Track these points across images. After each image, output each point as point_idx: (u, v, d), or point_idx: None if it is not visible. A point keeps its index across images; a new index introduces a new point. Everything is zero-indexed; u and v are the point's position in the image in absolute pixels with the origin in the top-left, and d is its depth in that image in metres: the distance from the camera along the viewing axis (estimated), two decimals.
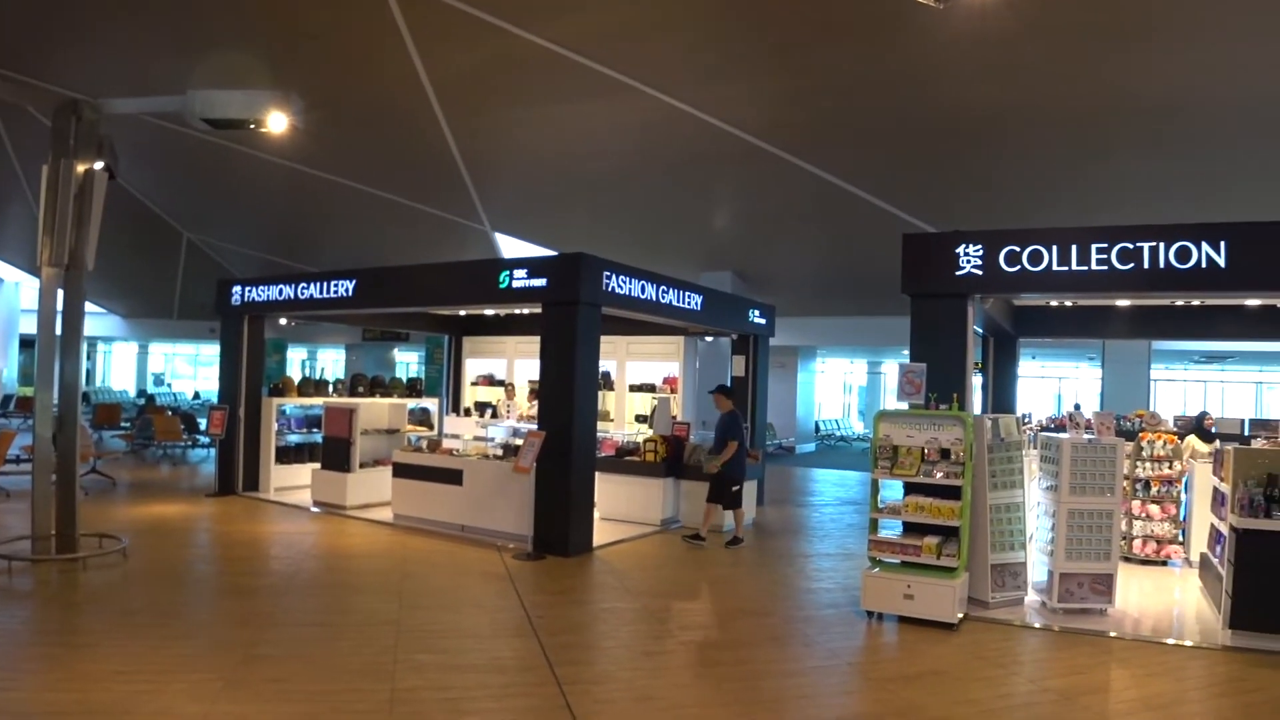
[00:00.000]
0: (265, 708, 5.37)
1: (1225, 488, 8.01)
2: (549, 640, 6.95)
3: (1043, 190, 14.18)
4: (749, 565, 10.31)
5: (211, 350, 25.79)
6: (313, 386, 14.97)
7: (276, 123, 9.06)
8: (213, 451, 16.15)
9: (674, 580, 9.48)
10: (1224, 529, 7.91)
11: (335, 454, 12.81)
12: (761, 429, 14.82)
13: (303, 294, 13.34)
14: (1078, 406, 17.95)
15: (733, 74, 12.79)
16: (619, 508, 12.20)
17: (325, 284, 13.15)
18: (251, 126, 9.13)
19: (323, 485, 12.85)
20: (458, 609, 8.01)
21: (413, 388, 15.98)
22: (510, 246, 20.24)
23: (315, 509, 12.61)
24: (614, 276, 10.82)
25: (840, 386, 37.51)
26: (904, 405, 8.31)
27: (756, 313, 14.49)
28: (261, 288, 13.88)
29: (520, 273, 10.84)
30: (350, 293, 12.85)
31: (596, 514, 11.35)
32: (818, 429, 30.65)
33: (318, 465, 13.16)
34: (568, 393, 10.30)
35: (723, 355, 15.62)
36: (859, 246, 16.75)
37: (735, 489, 10.96)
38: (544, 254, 17.04)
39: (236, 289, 14.10)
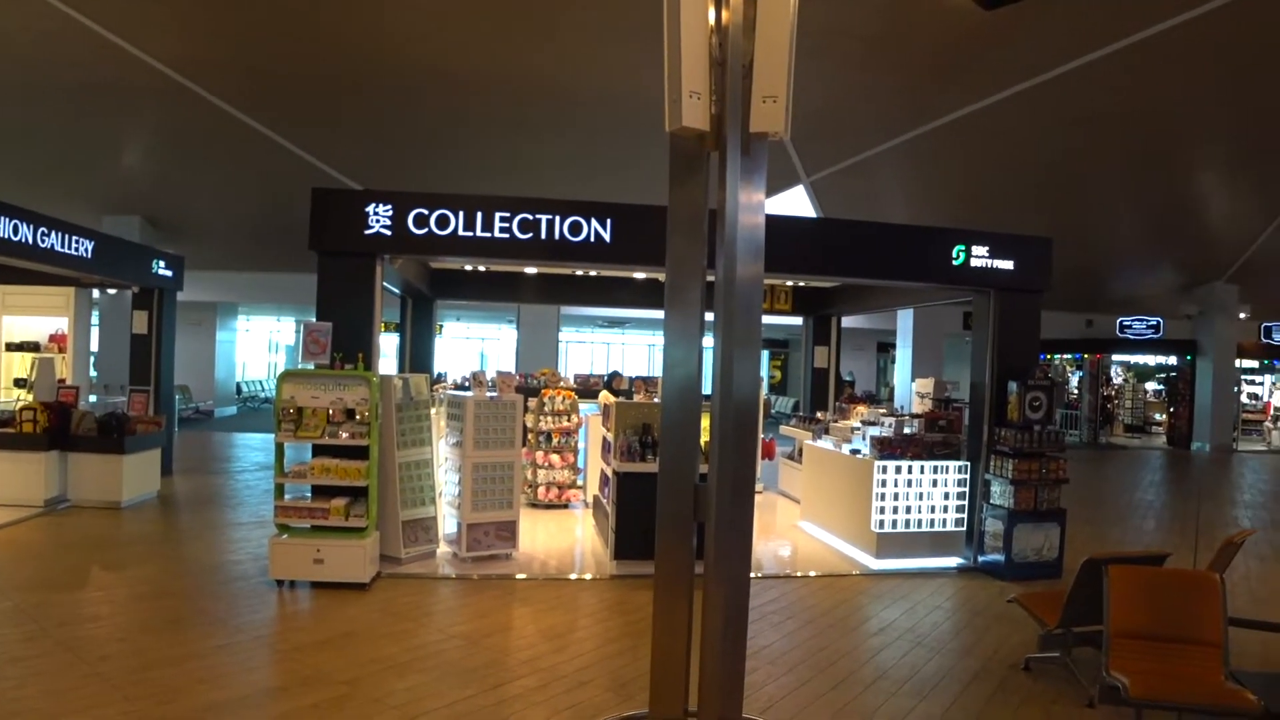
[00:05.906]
0: None
1: (611, 436, 9.07)
2: None
3: (467, 157, 14.66)
4: (150, 544, 9.43)
5: None
6: None
7: None
8: None
9: (58, 569, 8.28)
10: (610, 473, 8.95)
11: None
12: (169, 392, 13.68)
13: None
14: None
15: None
16: None
17: None
18: None
19: None
20: None
21: None
22: None
23: None
24: None
25: (266, 345, 35.84)
26: (310, 365, 8.12)
27: (162, 264, 13.30)
28: None
29: None
30: None
31: None
32: (240, 391, 29.19)
33: None
34: None
35: (124, 310, 14.09)
36: (283, 199, 15.93)
37: None
38: None
39: None
